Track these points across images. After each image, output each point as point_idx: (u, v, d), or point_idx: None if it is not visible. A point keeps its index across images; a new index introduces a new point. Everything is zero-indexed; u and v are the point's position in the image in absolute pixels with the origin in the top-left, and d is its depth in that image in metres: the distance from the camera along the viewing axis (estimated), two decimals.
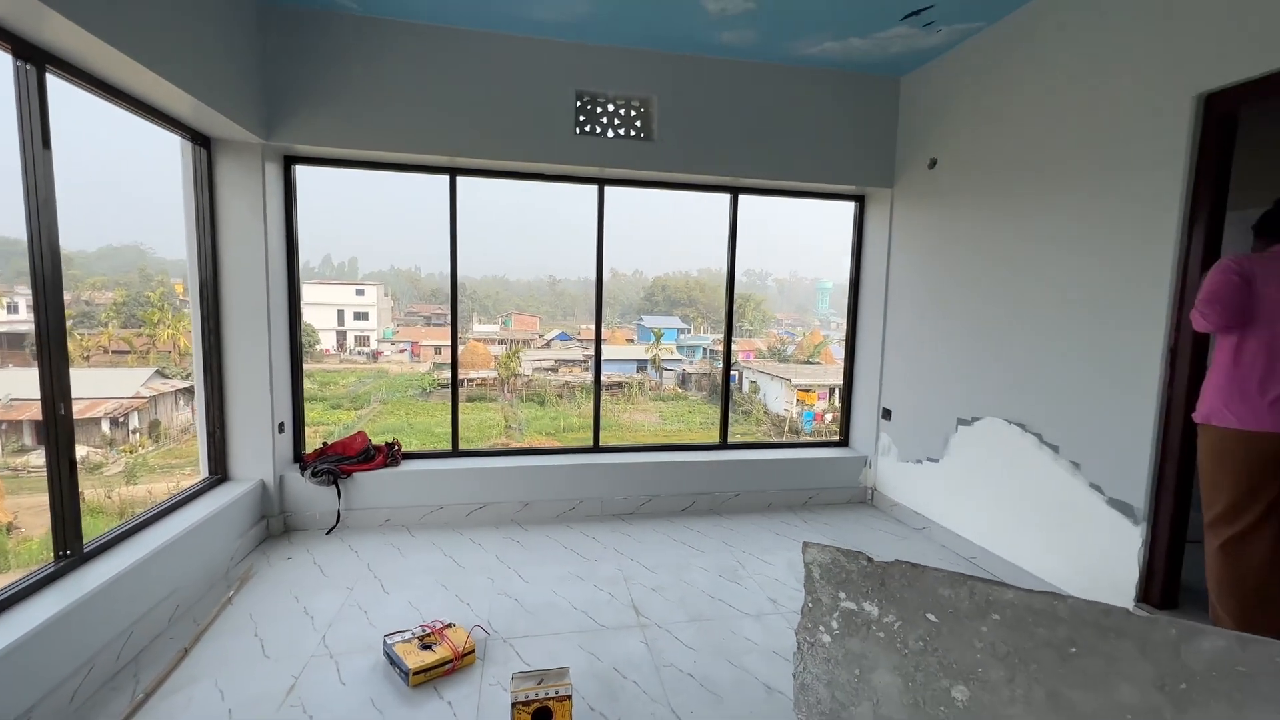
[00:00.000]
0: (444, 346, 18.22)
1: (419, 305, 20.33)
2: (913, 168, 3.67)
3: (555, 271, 22.52)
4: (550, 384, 17.77)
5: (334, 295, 17.25)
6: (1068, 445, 2.62)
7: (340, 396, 15.38)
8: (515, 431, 16.25)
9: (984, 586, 1.59)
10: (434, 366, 17.87)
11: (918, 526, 3.57)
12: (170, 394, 11.14)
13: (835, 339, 29.59)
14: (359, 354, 17.91)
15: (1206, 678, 1.35)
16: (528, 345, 19.08)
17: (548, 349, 19.21)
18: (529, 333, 19.49)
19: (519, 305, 21.13)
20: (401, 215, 23.12)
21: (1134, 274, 2.35)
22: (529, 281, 22.40)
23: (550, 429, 16.33)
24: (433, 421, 15.12)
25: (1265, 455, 1.86)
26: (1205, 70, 2.11)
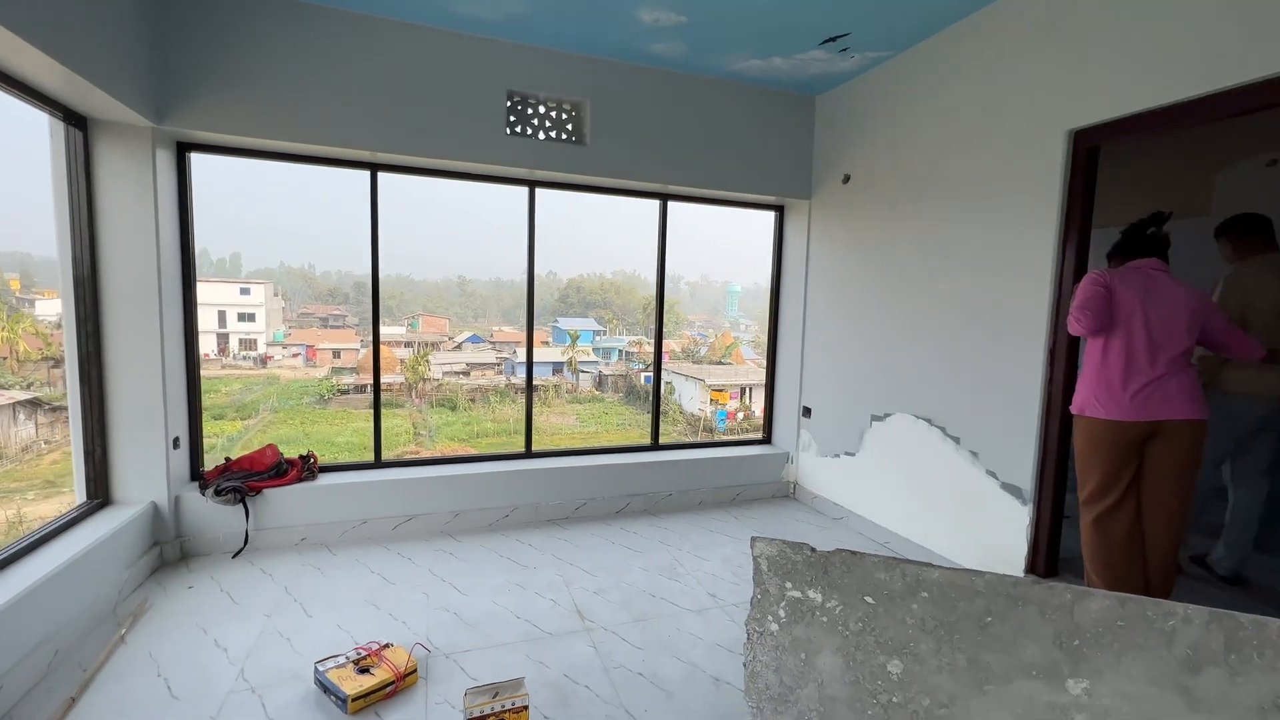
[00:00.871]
0: (344, 350, 17.05)
1: (314, 306, 18.89)
2: (828, 182, 3.94)
3: (465, 271, 21.78)
4: (462, 388, 17.16)
5: (214, 294, 15.67)
6: (968, 437, 2.93)
7: (223, 406, 13.98)
8: (425, 439, 15.57)
9: (914, 568, 1.75)
10: (333, 372, 16.69)
11: (837, 517, 3.83)
12: (7, 407, 9.63)
13: (745, 340, 30.78)
14: (245, 359, 16.37)
15: (1094, 633, 1.58)
16: (437, 348, 18.32)
17: (459, 352, 18.53)
18: (438, 335, 18.70)
19: (427, 306, 20.22)
20: (294, 209, 21.41)
21: (1020, 284, 2.67)
22: (437, 282, 21.51)
23: (463, 435, 15.78)
24: (333, 430, 14.12)
25: (1127, 441, 2.20)
26: (1074, 110, 2.45)
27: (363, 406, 15.04)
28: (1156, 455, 2.19)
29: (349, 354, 16.97)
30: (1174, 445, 2.15)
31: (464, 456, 3.80)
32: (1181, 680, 1.51)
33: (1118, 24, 2.30)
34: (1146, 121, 2.24)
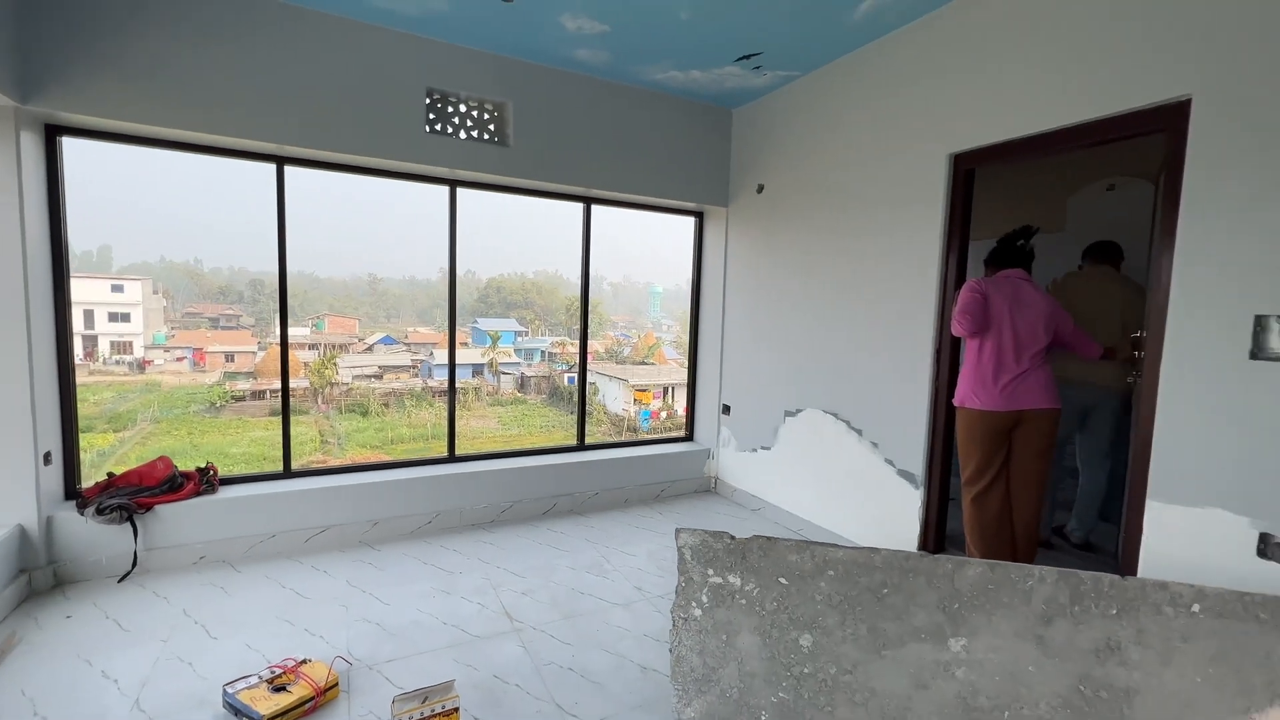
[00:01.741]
0: (239, 353, 15.76)
1: (202, 305, 17.29)
2: (744, 191, 4.16)
3: (377, 270, 20.76)
4: (375, 392, 16.36)
5: (80, 292, 13.93)
6: (870, 429, 3.21)
7: (92, 417, 12.53)
8: (333, 446, 14.71)
9: (821, 549, 1.92)
10: (225, 377, 15.39)
11: (755, 508, 4.05)
12: None
13: (668, 340, 31.13)
14: (118, 363, 14.74)
15: (970, 596, 1.81)
16: (346, 350, 17.33)
17: (370, 354, 17.64)
18: (347, 336, 17.71)
19: (334, 306, 19.11)
20: (180, 199, 19.54)
21: (912, 290, 2.96)
22: (345, 280, 20.38)
23: (376, 441, 15.06)
24: (227, 441, 13.03)
25: (999, 428, 2.51)
26: (955, 136, 2.76)
27: (261, 414, 13.96)
28: (1021, 440, 2.52)
29: (244, 357, 15.70)
30: (1035, 431, 2.49)
31: (383, 463, 3.67)
32: (1037, 631, 1.77)
33: (993, 63, 2.61)
34: (1014, 148, 2.56)
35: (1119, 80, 2.18)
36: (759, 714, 1.93)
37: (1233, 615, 1.65)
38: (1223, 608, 1.66)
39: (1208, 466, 1.96)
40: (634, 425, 23.95)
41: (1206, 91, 1.96)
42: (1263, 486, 1.85)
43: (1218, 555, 1.94)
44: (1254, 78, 1.86)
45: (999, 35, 2.56)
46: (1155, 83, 2.09)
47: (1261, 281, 1.84)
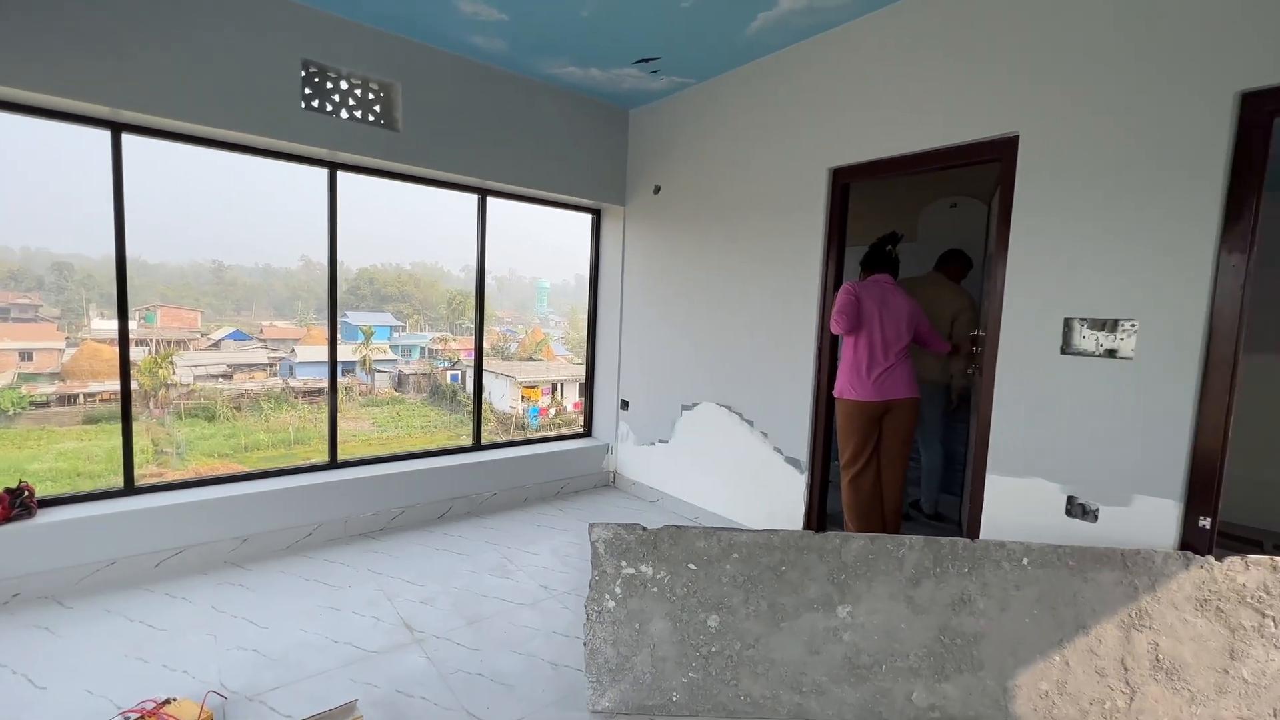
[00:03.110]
0: (40, 350, 13.25)
1: None
2: (641, 190, 4.25)
3: (223, 255, 18.41)
4: (223, 394, 14.56)
5: None
6: (760, 420, 3.44)
7: None
8: (171, 457, 12.95)
9: (726, 534, 2.05)
10: (20, 379, 12.94)
11: (653, 500, 4.18)
12: None
13: (555, 336, 30.84)
14: None
15: (854, 567, 2.03)
16: (185, 347, 15.28)
17: (216, 351, 15.68)
18: (187, 331, 15.59)
19: (167, 296, 16.70)
20: None
21: (798, 291, 3.22)
22: (181, 266, 17.89)
23: (226, 449, 13.46)
24: (25, 455, 10.99)
25: (871, 416, 2.82)
26: (833, 152, 3.04)
27: (71, 422, 11.84)
28: (889, 427, 2.85)
29: (47, 355, 13.21)
30: (901, 418, 2.83)
31: (252, 473, 3.30)
32: (908, 593, 2.02)
33: (866, 90, 2.91)
34: (882, 166, 2.88)
35: (964, 115, 2.53)
36: (670, 695, 2.02)
37: (1050, 565, 2.01)
38: (1043, 559, 2.01)
39: (1030, 443, 2.36)
40: (522, 423, 23.50)
41: (1030, 130, 2.34)
42: (1069, 458, 2.26)
43: (1038, 516, 2.34)
44: (1066, 121, 2.25)
45: (870, 66, 2.86)
46: (991, 119, 2.46)
47: (1070, 290, 2.25)
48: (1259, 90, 1.86)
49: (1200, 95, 1.96)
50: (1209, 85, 1.94)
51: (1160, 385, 2.05)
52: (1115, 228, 2.14)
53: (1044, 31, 2.30)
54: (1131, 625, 1.99)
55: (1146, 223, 2.07)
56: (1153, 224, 2.06)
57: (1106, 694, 1.99)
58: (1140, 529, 2.10)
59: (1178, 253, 2.01)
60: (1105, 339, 2.18)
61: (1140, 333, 2.09)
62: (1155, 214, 2.05)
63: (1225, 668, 1.97)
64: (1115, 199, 2.14)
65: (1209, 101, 1.94)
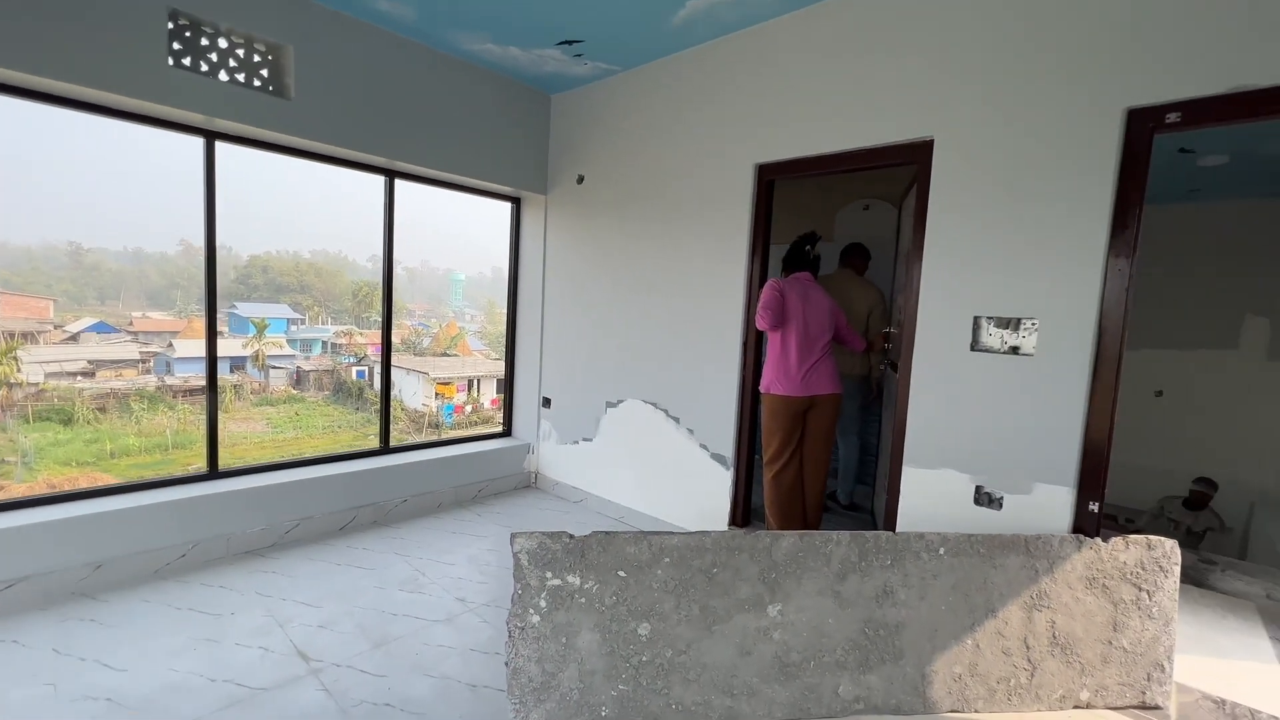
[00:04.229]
0: None
1: None
2: (564, 180, 4.09)
3: (82, 237, 16.29)
4: (83, 394, 12.90)
5: None
6: (686, 417, 3.41)
7: None
8: (15, 467, 11.32)
9: (657, 538, 1.97)
10: None
11: (577, 500, 4.05)
12: None
13: (471, 330, 29.90)
14: None
15: (785, 566, 2.01)
16: (34, 339, 13.42)
17: (75, 345, 13.87)
18: (35, 323, 13.68)
19: (11, 282, 14.56)
20: None
21: (724, 287, 3.20)
22: (29, 248, 15.67)
23: (87, 456, 11.92)
24: None
25: (796, 411, 2.85)
26: (759, 148, 3.04)
27: None
28: (813, 422, 2.90)
29: None
30: (823, 414, 2.88)
31: (109, 488, 2.84)
32: (835, 588, 2.04)
33: (791, 87, 2.92)
34: (806, 164, 2.90)
35: (884, 117, 2.60)
36: (599, 710, 1.91)
37: (964, 553, 2.10)
38: (958, 548, 2.09)
39: (942, 436, 2.46)
40: (436, 421, 22.57)
41: (944, 134, 2.43)
42: (978, 450, 2.38)
43: (950, 505, 2.45)
44: (977, 127, 2.35)
45: (795, 64, 2.88)
46: (908, 123, 2.53)
47: (978, 289, 2.35)
48: (1143, 107, 2.02)
49: (1093, 109, 2.09)
50: (1101, 100, 2.08)
51: (1057, 380, 2.19)
52: (1019, 231, 2.26)
53: (957, 39, 2.39)
54: (1033, 606, 2.11)
55: (1046, 228, 2.20)
56: (1052, 229, 2.19)
57: (1011, 672, 2.10)
58: (1040, 515, 2.24)
59: (1073, 256, 2.15)
60: (1009, 337, 2.31)
61: (1040, 331, 2.22)
62: (1054, 220, 2.18)
63: (1109, 639, 2.14)
64: (1019, 204, 2.26)
65: (1101, 116, 2.08)
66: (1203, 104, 1.93)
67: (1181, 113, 1.96)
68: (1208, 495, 4.39)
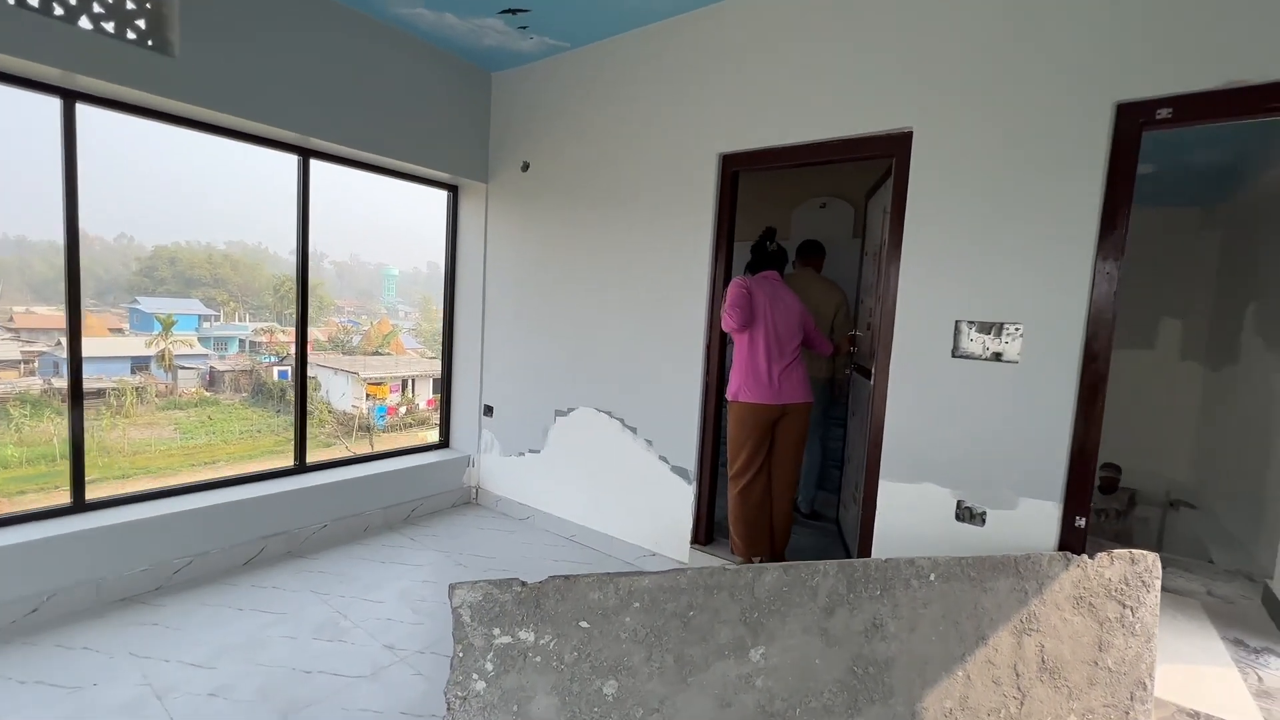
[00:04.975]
0: None
1: None
2: (507, 167, 3.73)
3: None
4: None
5: None
6: (644, 426, 3.14)
7: None
8: None
9: (626, 580, 1.69)
10: None
11: (522, 517, 3.70)
12: None
13: (405, 328, 28.56)
14: None
15: (768, 603, 1.78)
16: None
17: None
18: None
19: None
20: None
21: (685, 285, 2.96)
22: None
23: None
24: None
25: (767, 420, 2.64)
26: (724, 137, 2.81)
27: None
28: (783, 432, 2.69)
29: None
30: (795, 423, 2.68)
31: None
32: (823, 624, 1.82)
33: (758, 72, 2.70)
34: (774, 155, 2.69)
35: (860, 106, 2.42)
36: None
37: (954, 578, 1.94)
38: (949, 572, 1.93)
39: (922, 448, 2.31)
40: (367, 423, 21.35)
41: (924, 126, 2.27)
42: (958, 462, 2.23)
43: (930, 523, 2.30)
44: (959, 120, 2.20)
45: (764, 46, 2.66)
46: (887, 113, 2.36)
47: (960, 291, 2.21)
48: (1134, 101, 1.91)
49: (1082, 101, 1.98)
50: (1090, 92, 1.96)
51: (1042, 389, 2.07)
52: (1003, 231, 2.13)
53: (939, 24, 2.23)
54: (1023, 630, 1.98)
55: (1032, 227, 2.07)
56: (1038, 229, 2.06)
57: (1002, 702, 1.96)
58: (1024, 531, 2.12)
59: (1060, 258, 2.03)
60: (991, 342, 2.17)
61: (1025, 337, 2.09)
62: (1040, 219, 2.06)
63: (1095, 660, 2.04)
64: (1003, 201, 2.12)
65: (1090, 109, 1.97)
66: (1195, 99, 1.83)
67: (1173, 108, 1.87)
68: (1115, 479, 4.63)
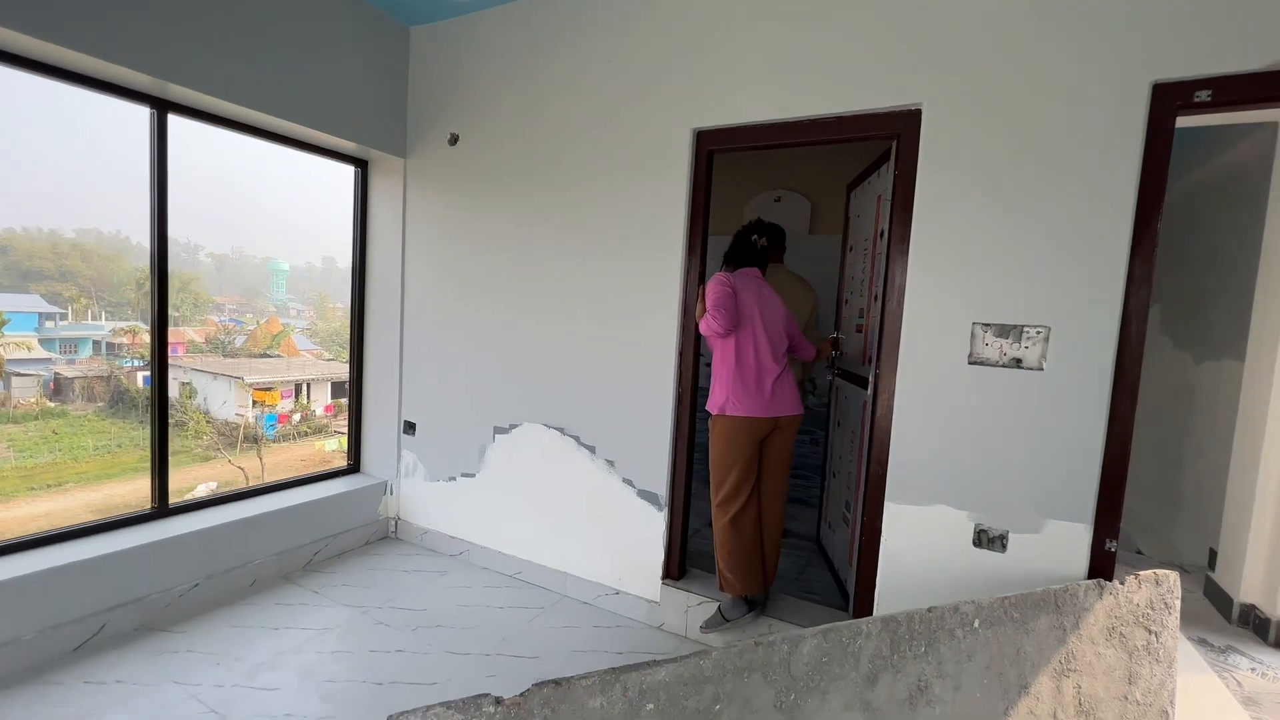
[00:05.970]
0: None
1: None
2: (431, 140, 3.15)
3: None
4: None
5: None
6: (604, 445, 2.70)
7: None
8: None
9: (636, 676, 1.26)
10: None
11: (455, 553, 3.15)
12: None
13: (299, 328, 26.29)
14: None
15: (805, 680, 1.42)
16: None
17: None
18: None
19: None
20: None
21: (654, 281, 2.56)
22: None
23: None
24: None
25: (759, 436, 2.29)
26: (699, 109, 2.43)
27: None
28: (772, 448, 2.36)
29: None
30: (786, 440, 2.36)
31: None
32: (865, 696, 1.48)
33: (738, 36, 2.34)
34: (758, 132, 2.35)
35: (863, 78, 2.12)
36: None
37: (998, 622, 1.68)
38: (993, 617, 1.67)
39: (934, 466, 2.05)
40: (254, 433, 19.37)
41: (935, 103, 2.01)
42: (976, 481, 2.00)
43: (944, 550, 2.05)
44: (976, 96, 1.96)
45: (748, 4, 2.31)
46: (892, 87, 2.08)
47: (979, 290, 1.97)
48: (1171, 82, 1.73)
49: (1117, 81, 1.78)
50: (1125, 69, 1.77)
51: (1071, 399, 1.86)
52: (1026, 222, 1.90)
53: None
54: (1061, 673, 1.77)
55: (1059, 220, 1.86)
56: (1066, 222, 1.85)
57: None
58: (1051, 557, 1.91)
59: (1091, 254, 1.83)
60: (1009, 347, 1.95)
61: (1052, 340, 1.88)
62: (1068, 211, 1.85)
63: (1125, 694, 1.86)
64: (1026, 189, 1.90)
65: (1125, 89, 1.77)
66: (1236, 81, 1.68)
67: (1212, 90, 1.70)
68: None
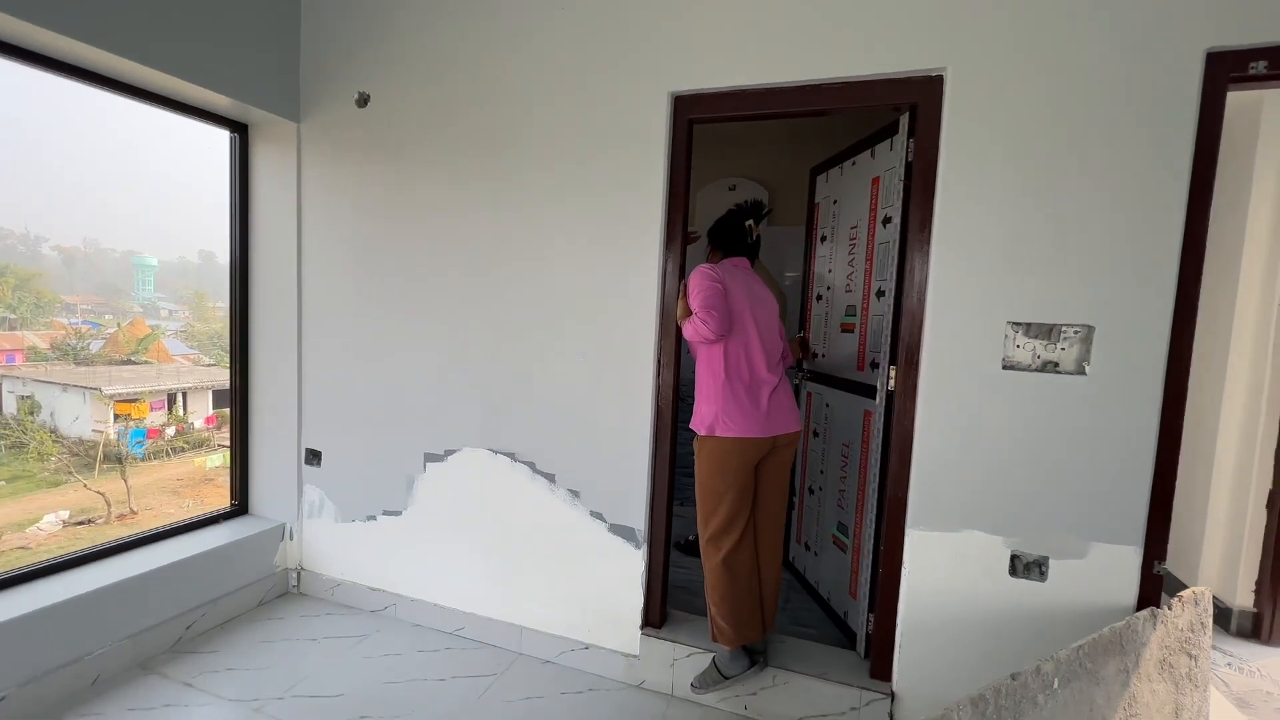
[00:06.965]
0: None
1: None
2: (332, 99, 2.53)
3: None
4: None
5: None
6: (565, 472, 2.25)
7: None
8: None
9: None
10: None
11: (377, 609, 2.57)
12: None
13: (170, 330, 23.69)
14: None
15: None
16: None
17: None
18: None
19: None
20: None
21: (624, 272, 2.13)
22: None
23: None
24: None
25: (754, 460, 1.93)
26: (678, 69, 2.04)
27: None
28: (769, 471, 2.01)
29: None
30: (783, 461, 2.01)
31: None
32: None
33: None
34: (745, 98, 1.99)
35: (876, 37, 1.82)
36: None
37: (1075, 677, 1.43)
38: (1069, 672, 1.41)
39: (963, 487, 1.79)
40: (117, 451, 17.14)
41: (961, 68, 1.74)
42: (1012, 503, 1.76)
43: (976, 578, 1.79)
44: (1007, 61, 1.70)
45: None
46: (911, 48, 1.79)
47: (1015, 284, 1.72)
48: (1225, 50, 1.55)
49: (1168, 47, 1.57)
50: (1178, 36, 1.57)
51: (1120, 406, 1.65)
52: (1067, 207, 1.67)
53: None
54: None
55: (1103, 203, 1.64)
56: (1110, 205, 1.64)
57: None
58: (1097, 585, 1.70)
59: (1140, 242, 1.62)
60: (1043, 349, 1.72)
61: (1097, 341, 1.66)
62: (1114, 192, 1.63)
63: None
64: (1064, 169, 1.67)
65: (1177, 56, 1.57)
66: None
67: (1268, 61, 1.53)
68: None
